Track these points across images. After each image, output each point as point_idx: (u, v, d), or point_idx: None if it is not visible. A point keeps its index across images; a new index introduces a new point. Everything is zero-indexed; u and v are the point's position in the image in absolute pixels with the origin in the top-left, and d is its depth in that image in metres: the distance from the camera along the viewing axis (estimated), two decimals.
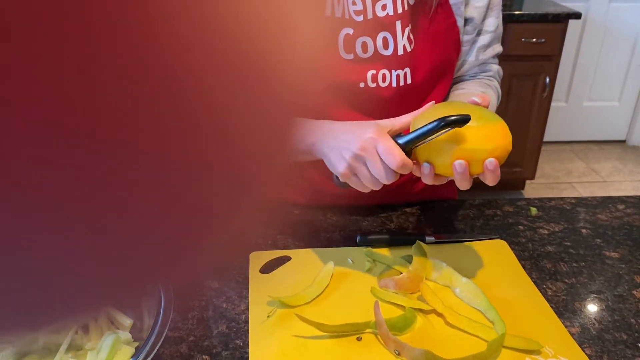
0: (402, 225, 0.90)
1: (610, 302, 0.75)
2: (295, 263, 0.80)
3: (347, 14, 0.79)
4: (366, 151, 0.66)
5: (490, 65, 0.93)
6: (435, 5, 0.81)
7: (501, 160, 0.64)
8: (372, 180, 0.68)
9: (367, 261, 0.80)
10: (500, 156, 0.64)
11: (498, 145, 0.64)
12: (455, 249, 0.83)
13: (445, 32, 0.83)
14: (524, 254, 0.84)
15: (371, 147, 0.66)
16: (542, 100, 2.44)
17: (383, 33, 0.80)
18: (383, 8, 0.79)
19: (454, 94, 0.89)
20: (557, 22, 2.30)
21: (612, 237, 0.89)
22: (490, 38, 0.89)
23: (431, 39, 0.83)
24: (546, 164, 3.01)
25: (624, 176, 2.94)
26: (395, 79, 0.83)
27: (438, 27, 0.83)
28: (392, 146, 0.65)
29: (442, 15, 0.82)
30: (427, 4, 0.81)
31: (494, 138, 0.64)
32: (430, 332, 0.68)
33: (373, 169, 0.66)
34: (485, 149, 0.63)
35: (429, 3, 0.81)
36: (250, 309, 0.71)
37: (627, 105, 3.16)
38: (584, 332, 0.69)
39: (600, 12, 2.90)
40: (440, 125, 0.61)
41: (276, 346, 0.65)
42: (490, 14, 0.87)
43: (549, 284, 0.78)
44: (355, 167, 0.68)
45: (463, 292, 0.73)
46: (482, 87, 0.89)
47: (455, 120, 0.61)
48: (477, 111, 0.65)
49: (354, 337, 0.67)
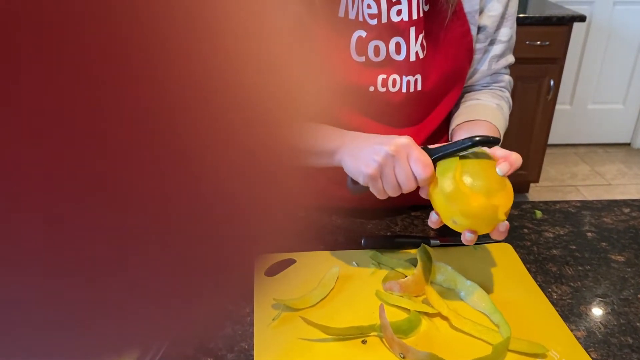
0: (407, 228, 0.90)
1: (616, 305, 0.74)
2: (300, 266, 0.80)
3: (361, 17, 0.79)
4: (399, 154, 0.66)
5: (502, 76, 0.92)
6: (450, 13, 0.80)
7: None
8: (394, 186, 0.68)
9: (372, 264, 0.80)
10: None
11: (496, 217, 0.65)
12: (460, 252, 0.83)
13: (459, 40, 0.83)
14: (529, 257, 0.84)
15: (404, 152, 0.66)
16: (547, 103, 2.44)
17: (396, 38, 0.80)
18: (398, 13, 0.79)
19: (467, 105, 0.89)
20: (561, 25, 2.30)
21: (617, 240, 0.89)
22: (503, 48, 0.88)
23: (444, 46, 0.82)
24: (551, 167, 3.01)
25: (629, 179, 2.93)
26: (405, 84, 0.82)
27: (452, 34, 0.82)
28: (423, 156, 0.66)
29: (457, 23, 0.82)
30: (442, 12, 0.80)
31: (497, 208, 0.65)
32: (435, 335, 0.68)
33: (400, 173, 0.67)
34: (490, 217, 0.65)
35: (444, 11, 0.80)
36: (255, 311, 0.71)
37: (631, 108, 3.15)
38: (590, 336, 0.69)
39: (605, 15, 2.90)
40: (468, 144, 0.65)
41: (281, 349, 0.66)
42: (504, 24, 0.86)
43: (555, 288, 0.77)
44: (384, 168, 0.68)
45: (468, 295, 0.73)
46: (495, 99, 0.89)
47: (482, 141, 0.65)
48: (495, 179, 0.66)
49: (359, 340, 0.67)
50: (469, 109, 0.87)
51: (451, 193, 0.64)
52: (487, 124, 0.82)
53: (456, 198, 0.64)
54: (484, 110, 0.86)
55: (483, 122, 0.83)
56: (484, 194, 0.63)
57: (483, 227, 0.66)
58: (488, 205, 0.63)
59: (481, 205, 0.63)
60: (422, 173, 0.65)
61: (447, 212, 0.66)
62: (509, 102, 0.93)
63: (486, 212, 0.63)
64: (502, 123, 0.86)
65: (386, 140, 0.68)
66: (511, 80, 0.94)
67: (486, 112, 0.86)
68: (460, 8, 0.81)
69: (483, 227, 0.66)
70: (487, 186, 0.64)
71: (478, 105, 0.87)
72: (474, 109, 0.87)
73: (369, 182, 0.69)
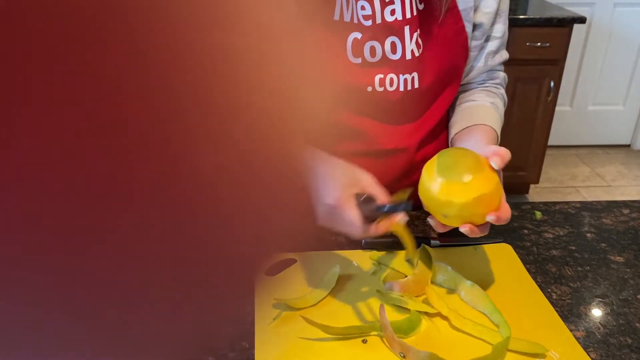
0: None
1: (615, 306, 0.75)
2: (301, 266, 0.80)
3: (356, 19, 0.79)
4: (332, 216, 0.66)
5: (497, 73, 0.93)
6: (444, 11, 0.81)
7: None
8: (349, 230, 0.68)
9: (373, 264, 0.81)
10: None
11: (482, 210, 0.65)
12: (460, 253, 0.83)
13: (454, 37, 0.84)
14: (528, 257, 0.84)
15: (336, 214, 0.65)
16: (547, 104, 2.44)
17: (391, 38, 0.80)
18: (392, 13, 0.79)
19: (463, 108, 0.90)
20: (561, 27, 2.30)
21: (617, 241, 0.89)
22: (498, 44, 0.89)
23: (439, 44, 0.83)
24: (551, 168, 3.01)
25: (629, 180, 2.94)
26: (402, 83, 0.83)
27: (447, 32, 0.83)
28: (352, 216, 0.64)
29: (451, 21, 0.83)
30: (436, 10, 0.81)
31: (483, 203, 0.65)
32: (435, 335, 0.68)
33: (344, 228, 0.66)
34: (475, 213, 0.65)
35: (439, 9, 0.81)
36: (256, 311, 0.72)
37: (631, 110, 3.16)
38: (589, 336, 0.69)
39: (605, 17, 2.90)
40: (390, 209, 0.65)
41: (282, 348, 0.66)
42: (498, 20, 0.87)
43: (554, 288, 0.78)
44: (329, 222, 0.67)
45: (468, 295, 0.74)
46: (490, 97, 0.90)
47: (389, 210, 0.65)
48: (476, 164, 0.66)
49: (360, 340, 0.67)
50: (465, 113, 0.88)
51: (431, 193, 0.65)
52: (484, 129, 0.83)
53: (438, 197, 0.65)
54: (480, 112, 0.87)
55: (481, 126, 0.84)
56: (461, 185, 0.64)
57: (473, 218, 0.66)
58: (469, 195, 0.64)
59: (462, 196, 0.64)
60: (354, 233, 0.65)
61: (435, 210, 0.67)
62: (504, 99, 0.94)
63: (468, 200, 0.64)
64: (498, 122, 0.87)
65: (322, 197, 0.66)
66: (505, 77, 0.95)
67: (482, 114, 0.87)
68: (455, 5, 0.82)
69: (473, 217, 0.66)
70: (461, 174, 0.65)
71: (473, 107, 0.88)
72: (470, 113, 0.87)
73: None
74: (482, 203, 0.64)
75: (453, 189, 0.64)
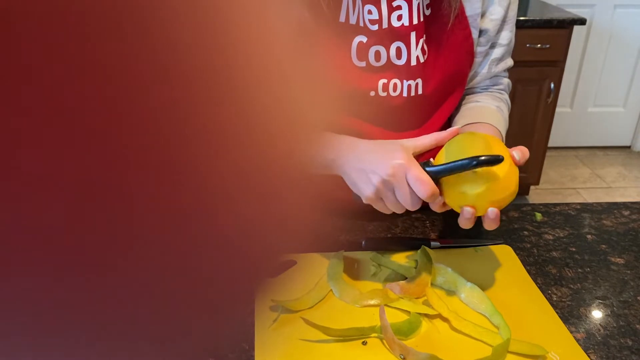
0: (408, 230, 0.91)
1: (615, 307, 0.75)
2: (300, 267, 0.80)
3: (362, 22, 0.79)
4: (396, 177, 0.65)
5: (501, 79, 0.93)
6: (453, 17, 0.80)
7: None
8: (397, 206, 0.68)
9: (373, 265, 0.80)
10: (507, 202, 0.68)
11: (513, 192, 0.67)
12: (460, 254, 0.83)
13: (460, 43, 0.83)
14: (529, 259, 0.84)
15: (401, 174, 0.65)
16: (547, 106, 2.44)
17: (397, 43, 0.80)
18: (399, 18, 0.79)
19: (468, 107, 0.89)
20: (561, 28, 2.30)
21: (617, 242, 0.89)
22: (503, 51, 0.89)
23: (445, 50, 0.83)
24: (551, 170, 3.01)
25: (629, 182, 2.93)
26: (406, 89, 0.82)
27: (453, 38, 0.82)
28: (422, 175, 0.64)
29: (458, 27, 0.82)
30: (444, 16, 0.80)
31: (510, 185, 0.67)
32: (435, 336, 0.68)
33: (400, 196, 0.66)
34: (505, 196, 0.66)
35: (447, 15, 0.80)
36: (256, 312, 0.72)
37: (632, 111, 3.16)
38: (590, 338, 0.69)
39: (605, 18, 2.90)
40: (472, 164, 0.64)
41: (282, 349, 0.66)
42: (505, 27, 0.87)
43: (554, 290, 0.78)
44: (382, 192, 0.67)
45: (468, 297, 0.73)
46: (495, 101, 0.90)
47: (487, 161, 0.63)
48: (504, 151, 0.67)
49: (360, 342, 0.67)
50: (470, 111, 0.88)
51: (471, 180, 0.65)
52: (489, 127, 0.82)
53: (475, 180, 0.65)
54: (485, 112, 0.87)
55: (486, 124, 0.83)
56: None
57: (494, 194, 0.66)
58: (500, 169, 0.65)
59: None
60: (423, 193, 0.64)
61: (454, 183, 0.67)
62: (508, 105, 0.93)
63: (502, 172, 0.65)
64: (503, 125, 0.86)
65: (381, 160, 0.67)
66: (510, 83, 0.95)
67: (487, 114, 0.86)
68: (462, 11, 0.81)
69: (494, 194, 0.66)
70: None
71: (479, 107, 0.88)
72: (476, 112, 0.87)
73: (370, 203, 0.70)
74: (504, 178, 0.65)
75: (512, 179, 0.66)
